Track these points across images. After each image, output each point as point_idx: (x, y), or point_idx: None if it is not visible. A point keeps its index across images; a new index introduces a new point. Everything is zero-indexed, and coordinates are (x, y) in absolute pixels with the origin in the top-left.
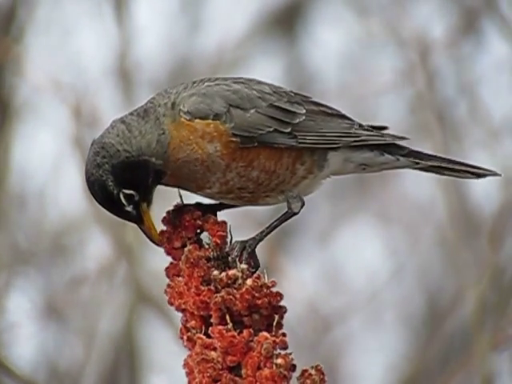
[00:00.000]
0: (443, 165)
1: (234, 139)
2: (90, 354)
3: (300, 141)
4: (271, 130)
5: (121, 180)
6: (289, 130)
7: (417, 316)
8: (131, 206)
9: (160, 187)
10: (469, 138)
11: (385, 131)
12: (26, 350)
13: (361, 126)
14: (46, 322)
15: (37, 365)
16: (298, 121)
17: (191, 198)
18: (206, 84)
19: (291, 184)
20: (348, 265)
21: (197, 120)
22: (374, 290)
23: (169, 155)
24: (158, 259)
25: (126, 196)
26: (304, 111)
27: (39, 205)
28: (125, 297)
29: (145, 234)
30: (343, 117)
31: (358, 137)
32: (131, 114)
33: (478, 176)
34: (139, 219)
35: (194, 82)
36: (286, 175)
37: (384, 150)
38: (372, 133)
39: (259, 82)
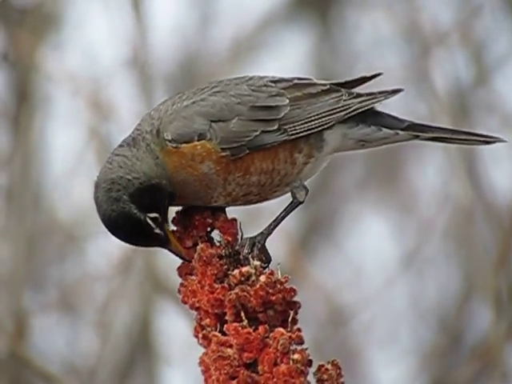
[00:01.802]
0: (446, 135)
1: (223, 154)
2: (105, 346)
3: (290, 133)
4: (258, 133)
5: (143, 206)
6: (276, 126)
7: (431, 309)
8: (158, 228)
9: None
10: (482, 126)
11: (378, 82)
12: (43, 343)
13: (350, 93)
14: (62, 315)
15: (53, 357)
16: (283, 114)
17: None
18: (184, 104)
19: (294, 174)
20: (363, 257)
21: (183, 145)
22: (388, 282)
23: (170, 178)
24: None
25: (152, 219)
26: (287, 101)
27: (56, 197)
28: (141, 288)
29: (173, 253)
30: (329, 91)
31: (349, 108)
32: (120, 146)
33: (485, 143)
34: (166, 240)
35: (174, 104)
36: (286, 168)
37: (382, 125)
38: (363, 98)
39: (237, 84)
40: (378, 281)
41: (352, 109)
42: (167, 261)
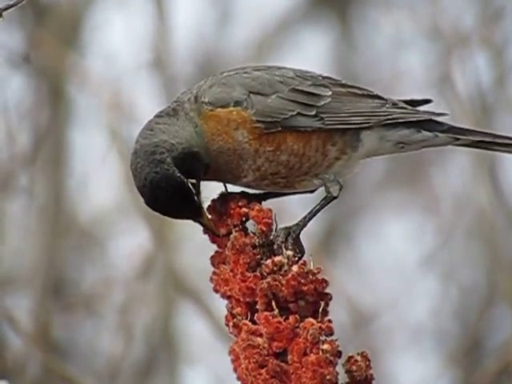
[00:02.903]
0: (487, 139)
1: (258, 125)
2: (126, 347)
3: (327, 122)
4: (294, 113)
5: (184, 170)
6: (313, 112)
7: (452, 311)
8: (196, 196)
9: None
10: (503, 128)
11: (427, 105)
12: (65, 345)
13: (395, 104)
14: (84, 317)
15: (75, 358)
16: (323, 103)
17: (235, 187)
18: (225, 74)
19: (324, 166)
20: (384, 259)
21: (218, 109)
22: (409, 284)
23: (206, 147)
24: (194, 251)
25: (192, 185)
26: (330, 93)
27: (78, 198)
28: (162, 289)
29: (204, 227)
30: (374, 96)
31: (390, 115)
32: (159, 116)
33: None
34: (200, 212)
35: (214, 75)
36: (317, 157)
37: (421, 127)
38: (406, 110)
39: (280, 68)
40: (399, 283)
41: (392, 116)
42: (188, 261)
